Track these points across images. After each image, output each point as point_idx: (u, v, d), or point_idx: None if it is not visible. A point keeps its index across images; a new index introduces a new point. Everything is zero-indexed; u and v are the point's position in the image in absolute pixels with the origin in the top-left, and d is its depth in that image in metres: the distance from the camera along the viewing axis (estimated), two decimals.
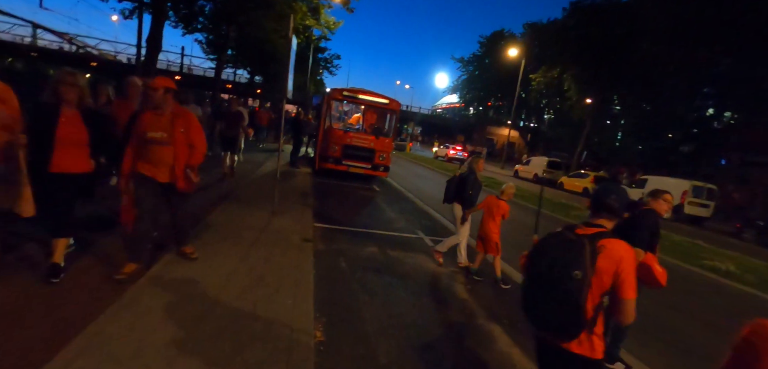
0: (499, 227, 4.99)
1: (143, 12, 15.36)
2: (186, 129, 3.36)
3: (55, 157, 2.91)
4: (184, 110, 3.40)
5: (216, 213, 5.73)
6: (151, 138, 3.22)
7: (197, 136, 3.47)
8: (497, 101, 52.81)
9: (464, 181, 5.23)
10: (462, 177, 5.31)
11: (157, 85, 3.24)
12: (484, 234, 4.99)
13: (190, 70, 41.68)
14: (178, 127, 3.30)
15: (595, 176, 21.99)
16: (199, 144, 3.48)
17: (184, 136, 3.35)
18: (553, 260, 1.73)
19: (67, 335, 2.39)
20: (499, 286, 4.92)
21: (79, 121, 3.02)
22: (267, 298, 3.36)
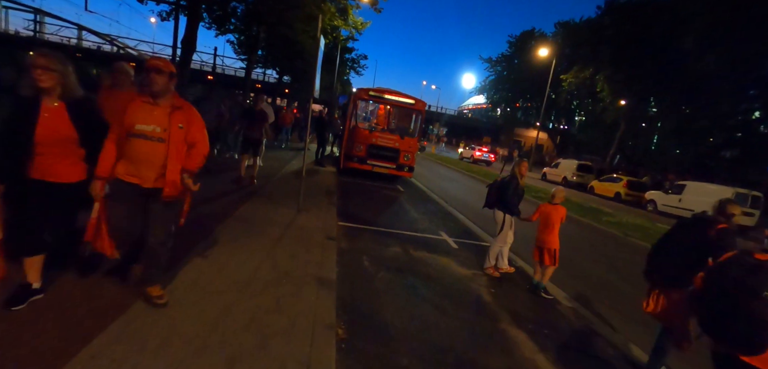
0: (558, 235, 4.78)
1: (179, 14, 15.94)
2: (186, 124, 2.74)
3: (37, 161, 2.42)
4: (185, 102, 2.81)
5: (243, 208, 5.87)
6: (140, 132, 2.59)
7: (200, 133, 2.86)
8: (526, 102, 51.57)
9: (506, 186, 5.11)
10: (504, 181, 5.20)
11: (163, 66, 2.63)
12: (542, 244, 4.79)
13: (223, 70, 43.06)
14: (176, 121, 2.68)
15: (628, 180, 21.14)
16: (202, 143, 2.87)
17: (183, 134, 2.72)
18: (739, 281, 1.96)
19: (103, 323, 2.51)
20: (539, 294, 4.78)
21: (63, 116, 2.45)
22: (291, 295, 3.41)
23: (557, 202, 4.84)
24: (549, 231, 4.74)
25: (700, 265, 2.96)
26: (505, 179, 5.19)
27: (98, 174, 2.57)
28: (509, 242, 5.31)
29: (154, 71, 2.59)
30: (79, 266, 3.01)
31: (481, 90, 57.51)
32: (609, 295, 5.64)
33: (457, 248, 6.24)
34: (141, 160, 2.62)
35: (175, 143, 2.67)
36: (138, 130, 2.58)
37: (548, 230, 4.75)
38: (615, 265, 7.34)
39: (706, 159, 27.43)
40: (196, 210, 5.31)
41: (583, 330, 4.15)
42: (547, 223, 4.78)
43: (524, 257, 6.04)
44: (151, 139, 2.60)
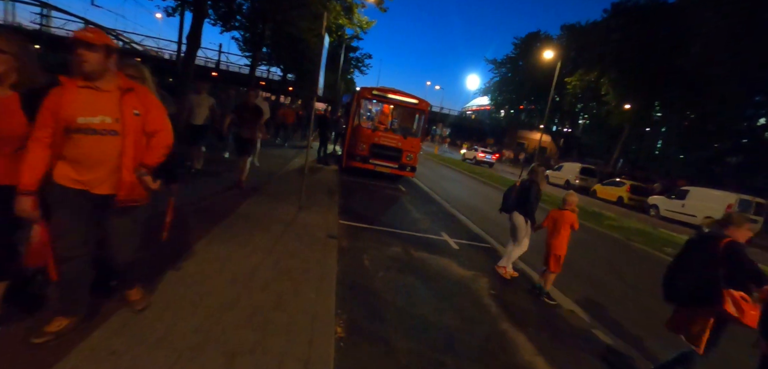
0: (566, 242, 4.71)
1: (185, 10, 16.02)
2: (143, 110, 2.22)
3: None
4: (135, 82, 2.26)
5: (246, 205, 5.90)
6: (86, 126, 2.04)
7: (160, 119, 2.32)
8: (529, 105, 51.53)
9: (527, 190, 5.09)
10: (523, 186, 5.18)
11: (94, 39, 2.04)
12: (549, 249, 4.74)
13: (227, 67, 43.15)
14: (129, 107, 2.14)
15: (631, 185, 21.05)
16: (164, 132, 2.33)
17: (140, 122, 2.20)
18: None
19: (104, 316, 2.52)
20: (541, 299, 4.76)
21: (15, 108, 2.04)
22: (291, 292, 3.42)
23: (567, 209, 4.77)
24: (556, 236, 4.71)
25: (715, 281, 2.95)
26: (526, 184, 5.16)
27: (23, 188, 1.99)
28: (523, 248, 5.29)
29: (83, 46, 2.01)
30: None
31: (485, 91, 57.52)
32: (610, 299, 5.62)
33: (458, 249, 6.24)
34: (90, 161, 2.10)
35: (132, 135, 2.15)
36: (81, 123, 2.03)
37: (555, 235, 4.72)
38: (616, 269, 7.32)
39: (711, 165, 27.29)
40: (198, 206, 5.35)
41: (584, 333, 4.14)
42: (555, 227, 4.73)
43: (531, 262, 6.02)
44: (101, 134, 2.08)
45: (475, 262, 5.72)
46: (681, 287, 3.19)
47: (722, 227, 3.09)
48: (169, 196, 2.52)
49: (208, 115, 7.20)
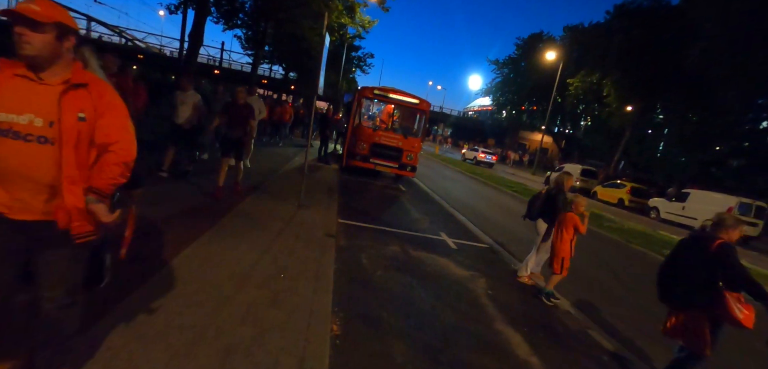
0: (570, 244, 4.68)
1: (188, 8, 16.07)
2: (93, 113, 1.61)
3: None
4: (93, 76, 1.69)
5: (246, 202, 5.92)
6: (5, 125, 1.48)
7: (116, 126, 1.68)
8: (531, 106, 51.46)
9: (553, 198, 5.06)
10: (549, 194, 5.16)
11: (42, 13, 1.46)
12: (558, 252, 4.69)
13: (229, 65, 43.21)
14: (72, 107, 1.54)
15: (632, 187, 21.03)
16: (122, 144, 1.69)
17: (87, 129, 1.59)
18: None
19: (99, 312, 2.55)
20: (540, 298, 4.77)
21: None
22: (288, 289, 3.45)
23: (572, 211, 4.75)
24: (559, 237, 4.68)
25: (709, 283, 2.97)
26: (552, 192, 5.13)
27: None
28: (543, 255, 5.30)
29: (24, 22, 1.45)
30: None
31: (486, 92, 57.37)
32: (607, 300, 5.64)
33: (456, 249, 6.25)
34: (8, 174, 1.52)
35: (72, 144, 1.55)
36: (2, 121, 1.48)
37: (559, 237, 4.69)
38: (614, 271, 7.33)
39: (713, 167, 27.21)
40: (199, 202, 5.37)
41: (580, 334, 4.16)
42: (559, 229, 4.72)
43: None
44: (26, 139, 1.49)
45: (473, 262, 5.73)
46: (675, 289, 3.20)
47: (715, 229, 3.10)
48: (129, 206, 2.07)
49: (192, 115, 6.42)
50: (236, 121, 5.97)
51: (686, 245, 3.28)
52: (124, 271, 3.12)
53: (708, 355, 3.02)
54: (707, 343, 2.99)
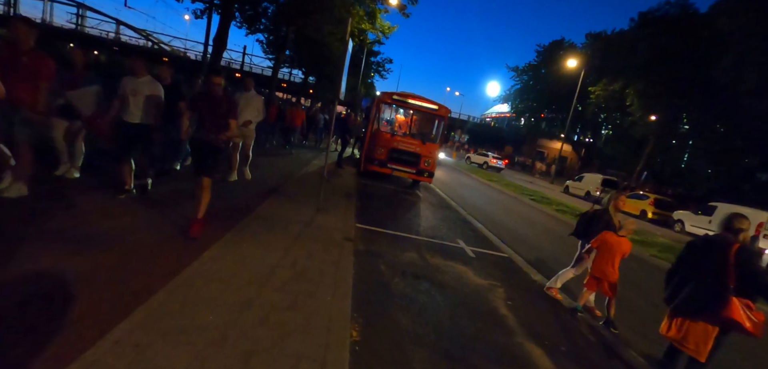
0: (618, 268, 4.46)
1: (213, 12, 16.47)
2: None
3: None
4: None
5: (265, 205, 5.99)
6: None
7: None
8: (551, 113, 50.75)
9: (596, 219, 4.81)
10: (596, 214, 4.91)
11: None
12: (600, 274, 4.47)
13: (250, 68, 44.06)
14: None
15: (655, 198, 20.44)
16: None
17: None
18: None
19: (124, 310, 2.61)
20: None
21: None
22: (307, 293, 3.46)
23: (623, 234, 4.49)
24: (608, 263, 4.43)
25: (723, 290, 2.86)
26: (599, 212, 4.90)
27: None
28: (578, 273, 5.10)
29: None
30: None
31: (505, 99, 56.88)
32: (631, 315, 5.47)
33: (475, 257, 6.18)
34: None
35: None
36: None
37: (607, 262, 4.44)
38: (637, 284, 7.12)
39: (740, 180, 26.25)
40: (215, 206, 5.46)
41: (603, 349, 4.04)
42: (607, 254, 4.44)
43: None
44: None
45: (492, 271, 5.65)
46: (684, 293, 3.09)
47: (729, 231, 3.00)
48: None
49: (149, 109, 4.74)
50: (209, 121, 4.17)
51: (698, 248, 3.17)
52: (151, 267, 3.21)
53: (703, 362, 2.94)
54: (708, 350, 2.90)
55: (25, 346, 2.11)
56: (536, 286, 5.48)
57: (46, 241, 3.31)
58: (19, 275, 2.76)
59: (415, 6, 16.74)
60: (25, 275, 2.78)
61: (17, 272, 2.79)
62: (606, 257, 4.47)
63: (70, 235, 3.54)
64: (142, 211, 4.61)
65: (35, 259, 2.99)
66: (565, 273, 5.17)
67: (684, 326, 3.06)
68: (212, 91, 4.23)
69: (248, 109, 6.73)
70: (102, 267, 3.08)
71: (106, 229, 3.84)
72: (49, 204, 4.18)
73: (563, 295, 5.22)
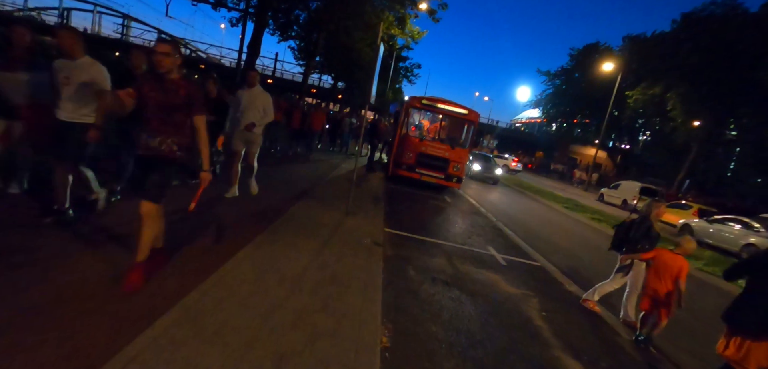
0: (674, 288, 4.07)
1: (247, 21, 17.00)
2: None
3: None
4: None
5: (295, 208, 6.06)
6: None
7: None
8: (584, 118, 49.07)
9: (634, 226, 4.59)
10: (633, 222, 4.70)
11: None
12: (653, 294, 4.17)
13: (281, 74, 45.22)
14: None
15: (700, 208, 19.29)
16: None
17: None
18: None
19: (164, 306, 2.67)
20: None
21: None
22: (337, 297, 3.45)
23: (679, 252, 4.15)
24: (661, 282, 4.12)
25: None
26: (636, 220, 4.68)
27: None
28: (616, 286, 4.85)
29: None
30: None
31: (536, 103, 55.51)
32: (679, 332, 5.14)
33: (506, 266, 6.01)
34: None
35: None
36: None
37: (660, 280, 4.13)
38: (686, 300, 6.69)
39: None
40: (247, 209, 5.57)
41: (648, 368, 3.81)
42: (662, 272, 4.12)
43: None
44: None
45: (525, 280, 5.47)
46: (749, 311, 2.85)
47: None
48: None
49: (84, 101, 3.61)
50: (155, 117, 2.90)
51: (763, 262, 2.91)
52: (187, 266, 3.29)
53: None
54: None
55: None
56: (572, 297, 5.27)
57: None
58: None
59: (446, 11, 16.65)
60: None
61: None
62: (659, 275, 4.16)
63: None
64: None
65: None
66: (603, 286, 4.92)
67: (745, 346, 2.82)
68: (160, 72, 2.85)
69: (252, 109, 5.54)
70: None
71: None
72: None
73: (601, 308, 4.98)
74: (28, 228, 3.43)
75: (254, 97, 5.60)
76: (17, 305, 2.37)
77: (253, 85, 5.62)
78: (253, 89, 5.62)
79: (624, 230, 4.78)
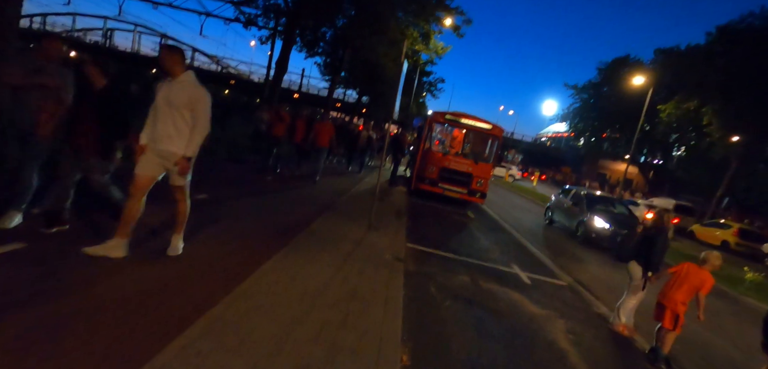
0: (688, 301, 4.10)
1: (276, 38, 17.58)
2: None
3: None
4: None
5: (318, 222, 6.15)
6: None
7: None
8: (614, 133, 47.61)
9: (652, 240, 4.56)
10: (647, 234, 4.69)
11: None
12: (668, 302, 4.13)
13: (308, 90, 46.33)
14: None
15: (740, 228, 18.28)
16: None
17: None
18: None
19: (189, 319, 2.76)
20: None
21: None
22: (358, 312, 3.46)
23: (707, 269, 4.12)
24: (679, 291, 4.07)
25: None
26: (652, 233, 4.63)
27: None
28: (635, 301, 4.77)
29: None
30: None
31: (563, 117, 54.42)
32: (716, 362, 4.87)
33: (531, 284, 5.87)
34: None
35: None
36: None
37: (679, 290, 4.08)
38: (725, 328, 6.34)
39: None
40: (269, 220, 5.69)
41: None
42: (683, 283, 4.10)
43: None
44: None
45: (551, 301, 5.33)
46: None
47: None
48: None
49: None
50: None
51: None
52: (211, 278, 3.39)
53: None
54: None
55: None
56: (599, 319, 5.09)
57: None
58: None
59: (470, 26, 16.69)
60: None
61: None
62: (678, 284, 4.10)
63: None
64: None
65: None
66: (624, 303, 4.77)
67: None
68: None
69: (170, 111, 3.27)
70: None
71: None
72: None
73: (631, 330, 4.79)
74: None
75: (179, 89, 3.28)
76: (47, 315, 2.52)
77: (176, 75, 3.29)
78: (179, 78, 3.31)
79: (638, 242, 4.76)
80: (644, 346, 4.47)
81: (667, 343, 4.10)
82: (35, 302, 2.52)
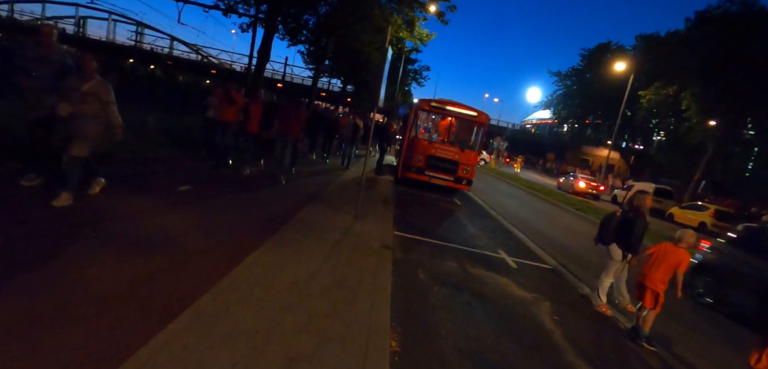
0: (668, 280, 4.20)
1: (257, 26, 17.17)
2: None
3: None
4: None
5: (304, 211, 6.09)
6: None
7: None
8: (596, 119, 48.45)
9: (631, 223, 4.66)
10: (626, 217, 4.78)
11: None
12: (648, 282, 4.21)
13: (291, 79, 45.59)
14: None
15: (716, 210, 18.86)
16: None
17: None
18: None
19: (172, 311, 2.70)
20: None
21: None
22: (346, 301, 3.45)
23: (683, 246, 4.24)
24: (658, 270, 4.18)
25: None
26: (630, 216, 4.72)
27: None
28: (624, 278, 4.94)
29: None
30: None
31: (547, 104, 55.01)
32: (700, 340, 5.03)
33: (517, 269, 5.95)
34: None
35: None
36: None
37: (658, 269, 4.19)
38: (707, 308, 6.56)
39: None
40: (260, 211, 5.61)
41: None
42: (661, 263, 4.20)
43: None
44: None
45: (536, 284, 5.41)
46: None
47: None
48: None
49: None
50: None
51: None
52: (198, 269, 3.32)
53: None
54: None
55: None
56: (584, 300, 5.19)
57: None
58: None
59: (454, 12, 16.61)
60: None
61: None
62: (657, 264, 4.22)
63: None
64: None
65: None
66: (602, 283, 4.92)
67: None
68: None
69: None
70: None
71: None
72: None
73: (613, 311, 4.91)
74: None
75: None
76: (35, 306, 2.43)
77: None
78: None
79: (614, 223, 4.89)
80: (626, 325, 4.59)
81: (648, 322, 4.23)
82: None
